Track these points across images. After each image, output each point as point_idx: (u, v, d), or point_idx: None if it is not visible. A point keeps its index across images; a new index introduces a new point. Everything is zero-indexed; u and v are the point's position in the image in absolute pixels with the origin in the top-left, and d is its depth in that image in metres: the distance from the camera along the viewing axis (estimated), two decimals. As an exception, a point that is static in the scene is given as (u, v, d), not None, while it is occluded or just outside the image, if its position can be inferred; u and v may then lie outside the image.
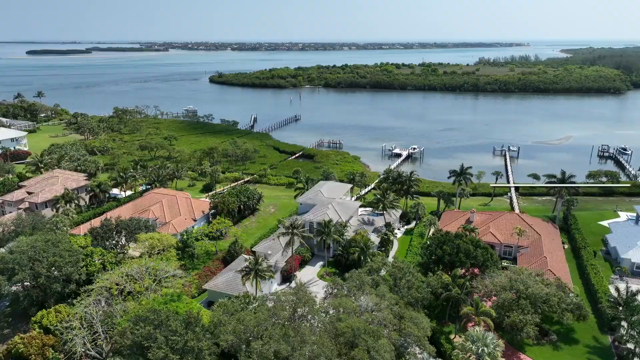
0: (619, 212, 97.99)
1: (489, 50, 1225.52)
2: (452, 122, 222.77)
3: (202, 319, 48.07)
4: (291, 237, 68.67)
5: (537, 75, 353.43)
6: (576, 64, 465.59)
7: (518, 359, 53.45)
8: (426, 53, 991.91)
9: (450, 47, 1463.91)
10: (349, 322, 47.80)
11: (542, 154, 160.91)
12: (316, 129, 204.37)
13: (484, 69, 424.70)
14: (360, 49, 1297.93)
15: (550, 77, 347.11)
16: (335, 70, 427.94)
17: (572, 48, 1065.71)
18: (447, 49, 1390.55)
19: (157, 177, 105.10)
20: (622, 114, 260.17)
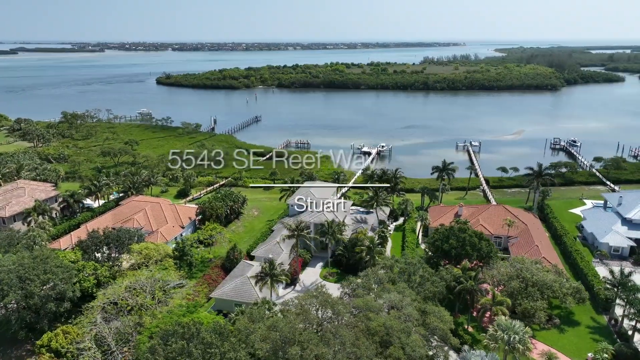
0: (585, 200, 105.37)
1: (429, 49, 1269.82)
2: (410, 119, 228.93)
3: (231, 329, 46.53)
4: (296, 240, 67.88)
5: (481, 74, 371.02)
6: (513, 62, 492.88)
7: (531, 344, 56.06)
8: (369, 53, 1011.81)
9: (392, 47, 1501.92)
10: (379, 320, 48.10)
11: (501, 148, 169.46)
12: (279, 130, 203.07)
13: (431, 68, 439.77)
14: (305, 49, 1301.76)
15: (493, 75, 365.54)
16: (287, 71, 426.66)
17: (505, 47, 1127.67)
18: (389, 48, 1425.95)
19: (132, 184, 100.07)
20: (561, 108, 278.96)
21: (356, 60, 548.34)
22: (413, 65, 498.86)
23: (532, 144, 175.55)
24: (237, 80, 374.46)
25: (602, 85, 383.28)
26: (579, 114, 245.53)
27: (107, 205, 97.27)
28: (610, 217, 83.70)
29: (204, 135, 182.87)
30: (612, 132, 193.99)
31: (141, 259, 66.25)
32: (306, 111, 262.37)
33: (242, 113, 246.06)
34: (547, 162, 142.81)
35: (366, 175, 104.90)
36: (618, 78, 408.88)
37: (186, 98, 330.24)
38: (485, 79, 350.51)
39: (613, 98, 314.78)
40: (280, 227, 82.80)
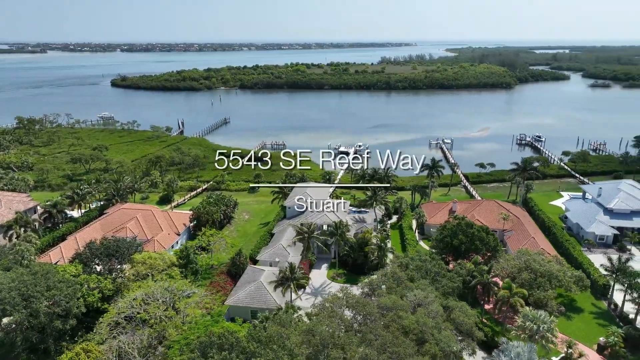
0: (562, 193, 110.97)
1: (382, 50, 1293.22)
2: (378, 118, 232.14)
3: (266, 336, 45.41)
4: (307, 242, 67.32)
5: (440, 73, 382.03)
6: (466, 62, 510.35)
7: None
8: (325, 53, 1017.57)
9: (346, 47, 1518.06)
10: (411, 318, 48.59)
11: (471, 144, 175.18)
12: (250, 131, 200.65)
13: (390, 68, 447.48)
14: (259, 50, 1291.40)
15: (450, 75, 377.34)
16: (248, 71, 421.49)
17: (455, 47, 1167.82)
18: (344, 49, 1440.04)
19: (115, 191, 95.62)
20: (519, 105, 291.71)
21: (313, 60, 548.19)
22: (372, 65, 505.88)
23: (498, 140, 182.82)
24: (198, 82, 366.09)
25: (551, 83, 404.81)
26: (536, 110, 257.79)
27: (90, 215, 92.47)
28: (592, 207, 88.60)
29: (174, 138, 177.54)
30: (569, 127, 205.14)
31: (146, 269, 63.44)
32: (274, 112, 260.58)
33: (208, 115, 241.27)
34: (515, 158, 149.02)
35: (356, 175, 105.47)
36: (564, 76, 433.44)
37: (146, 100, 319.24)
38: (444, 78, 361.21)
39: (562, 95, 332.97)
40: (281, 230, 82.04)
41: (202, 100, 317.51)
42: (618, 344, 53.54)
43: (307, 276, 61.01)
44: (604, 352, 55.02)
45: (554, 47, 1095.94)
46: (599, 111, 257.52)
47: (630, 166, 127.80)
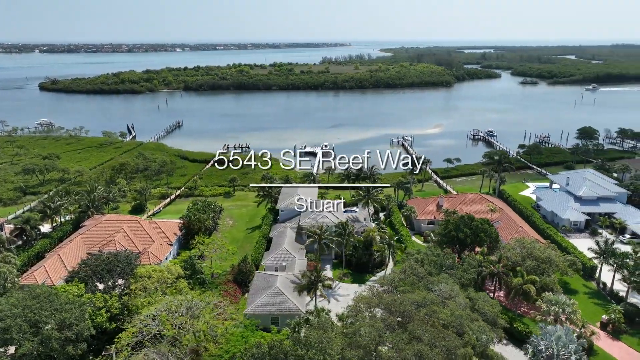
0: (527, 184, 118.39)
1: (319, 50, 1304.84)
2: (334, 118, 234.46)
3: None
4: (319, 244, 66.79)
5: (384, 72, 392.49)
6: (403, 61, 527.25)
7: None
8: (262, 53, 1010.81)
9: (282, 47, 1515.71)
10: (446, 312, 49.84)
11: (429, 141, 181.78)
12: (207, 134, 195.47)
13: (333, 68, 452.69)
14: (194, 50, 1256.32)
15: (393, 74, 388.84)
16: (191, 73, 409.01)
17: (389, 47, 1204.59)
18: (280, 49, 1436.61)
19: (90, 202, 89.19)
20: (462, 102, 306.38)
21: (250, 60, 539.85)
22: (315, 65, 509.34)
23: (453, 136, 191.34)
24: (138, 84, 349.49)
25: (485, 81, 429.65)
26: (480, 106, 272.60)
27: (64, 229, 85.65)
28: (563, 196, 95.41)
29: (130, 144, 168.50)
30: (513, 122, 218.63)
31: (153, 282, 59.87)
32: (226, 114, 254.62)
33: (156, 118, 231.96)
34: (470, 152, 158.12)
35: (341, 175, 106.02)
36: (496, 74, 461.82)
37: (84, 105, 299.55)
38: (388, 77, 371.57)
39: (498, 92, 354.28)
40: (279, 233, 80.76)
41: (145, 103, 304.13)
42: (619, 320, 58.25)
43: (330, 278, 60.54)
44: (606, 329, 59.63)
45: (479, 47, 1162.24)
46: (534, 107, 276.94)
47: (581, 156, 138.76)
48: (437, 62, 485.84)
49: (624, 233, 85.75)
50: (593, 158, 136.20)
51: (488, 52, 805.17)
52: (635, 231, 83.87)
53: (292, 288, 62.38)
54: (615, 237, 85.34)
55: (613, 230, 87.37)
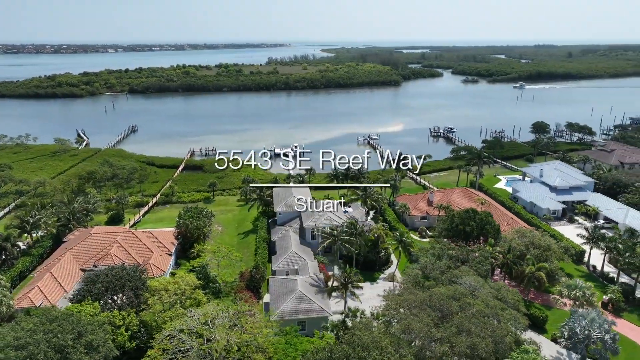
0: (499, 177, 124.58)
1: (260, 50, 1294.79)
2: (294, 119, 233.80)
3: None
4: (336, 245, 66.46)
5: (333, 72, 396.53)
6: (347, 61, 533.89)
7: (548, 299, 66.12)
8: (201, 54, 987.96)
9: (221, 48, 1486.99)
10: (480, 304, 51.52)
11: (393, 139, 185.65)
12: (167, 138, 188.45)
13: (281, 69, 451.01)
14: (127, 51, 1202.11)
15: (342, 74, 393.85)
16: (134, 74, 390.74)
17: (330, 47, 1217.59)
18: (219, 49, 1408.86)
19: (71, 215, 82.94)
20: (413, 100, 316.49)
21: (189, 61, 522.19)
22: (261, 65, 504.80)
23: (414, 133, 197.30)
24: (78, 87, 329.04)
25: (428, 80, 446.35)
26: (431, 104, 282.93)
27: (45, 245, 79.04)
28: (539, 187, 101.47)
29: (87, 151, 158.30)
30: (465, 118, 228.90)
31: (170, 295, 56.84)
32: (181, 116, 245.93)
33: (106, 124, 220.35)
34: (432, 149, 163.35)
35: (330, 175, 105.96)
36: (438, 73, 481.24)
37: (16, 110, 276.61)
38: (339, 77, 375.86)
39: (444, 90, 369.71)
40: (282, 237, 79.45)
41: (89, 107, 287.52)
42: (619, 299, 63.04)
43: (360, 278, 60.39)
44: (607, 308, 64.26)
45: (415, 47, 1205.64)
46: (480, 104, 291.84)
47: (541, 149, 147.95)
48: (382, 62, 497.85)
49: (597, 219, 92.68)
50: (552, 151, 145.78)
51: (426, 52, 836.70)
52: (608, 216, 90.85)
53: (314, 291, 61.74)
54: (590, 223, 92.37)
55: (587, 217, 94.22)
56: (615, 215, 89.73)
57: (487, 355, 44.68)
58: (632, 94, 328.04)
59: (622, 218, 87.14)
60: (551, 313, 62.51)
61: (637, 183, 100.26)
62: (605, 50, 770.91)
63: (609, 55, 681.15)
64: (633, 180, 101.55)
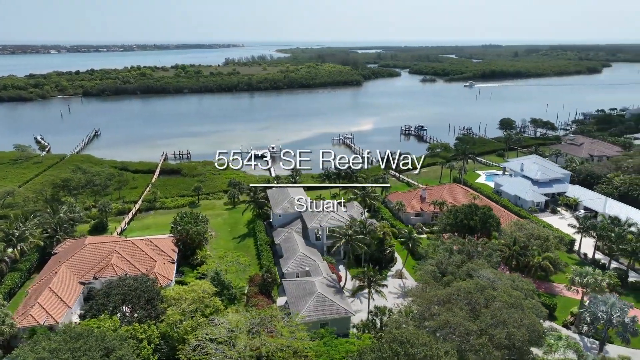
0: (478, 172, 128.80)
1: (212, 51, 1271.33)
2: (264, 120, 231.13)
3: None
4: (350, 245, 66.36)
5: (295, 73, 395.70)
6: (304, 62, 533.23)
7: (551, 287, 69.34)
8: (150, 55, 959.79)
9: (172, 49, 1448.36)
10: (503, 294, 53.10)
11: (366, 138, 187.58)
12: (135, 142, 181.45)
13: (241, 69, 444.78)
14: (71, 52, 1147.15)
15: (304, 74, 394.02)
16: (86, 76, 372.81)
17: (285, 48, 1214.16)
18: (170, 50, 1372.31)
19: (57, 225, 78.03)
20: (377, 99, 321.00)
21: (140, 62, 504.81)
22: (219, 66, 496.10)
23: (386, 132, 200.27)
24: (26, 90, 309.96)
25: (388, 79, 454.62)
26: (393, 103, 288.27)
27: (32, 259, 73.95)
28: (522, 181, 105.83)
29: (51, 158, 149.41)
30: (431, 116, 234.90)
31: (190, 304, 54.76)
32: (144, 119, 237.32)
33: (64, 128, 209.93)
34: (405, 147, 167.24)
35: (322, 175, 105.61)
36: (396, 73, 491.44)
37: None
38: (301, 77, 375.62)
39: (405, 89, 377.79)
40: (286, 239, 78.50)
41: (41, 111, 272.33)
42: (617, 283, 66.83)
43: (383, 276, 60.49)
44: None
45: (369, 47, 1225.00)
46: (442, 102, 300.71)
47: (513, 145, 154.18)
48: (341, 62, 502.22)
49: (578, 209, 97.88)
50: (522, 146, 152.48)
51: (381, 52, 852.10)
52: (587, 206, 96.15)
53: (332, 292, 61.41)
54: (571, 213, 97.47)
55: (568, 208, 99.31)
56: (594, 205, 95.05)
57: (522, 344, 46.16)
58: (579, 91, 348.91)
59: (602, 207, 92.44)
60: (556, 300, 65.40)
61: (608, 174, 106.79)
62: (547, 50, 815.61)
63: (550, 55, 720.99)
64: (605, 172, 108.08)
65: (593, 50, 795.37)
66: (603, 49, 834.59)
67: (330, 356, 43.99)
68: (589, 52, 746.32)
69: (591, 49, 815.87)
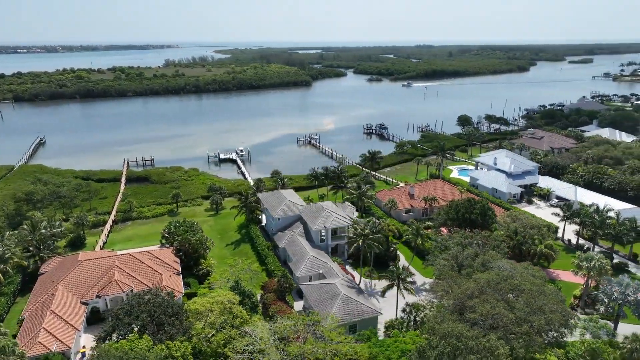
0: (449, 168, 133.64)
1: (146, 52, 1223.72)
2: (221, 122, 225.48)
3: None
4: (365, 245, 66.38)
5: (243, 74, 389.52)
6: (245, 63, 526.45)
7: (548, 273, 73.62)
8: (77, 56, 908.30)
9: (102, 50, 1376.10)
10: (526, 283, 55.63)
11: (332, 137, 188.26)
12: (85, 150, 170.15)
13: (184, 71, 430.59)
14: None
15: (252, 75, 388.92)
16: (14, 80, 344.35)
17: (224, 49, 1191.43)
18: (99, 51, 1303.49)
19: (40, 243, 71.55)
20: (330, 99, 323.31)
21: (65, 64, 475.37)
22: (160, 68, 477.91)
23: (347, 131, 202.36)
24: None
25: (335, 79, 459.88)
26: (346, 103, 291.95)
27: (15, 281, 67.30)
28: (497, 174, 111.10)
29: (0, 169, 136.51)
30: (387, 114, 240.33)
31: (217, 317, 52.40)
32: (89, 125, 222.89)
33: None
34: (368, 146, 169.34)
35: (310, 176, 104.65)
36: (343, 73, 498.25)
37: None
38: (250, 78, 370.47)
39: (352, 88, 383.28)
40: (290, 242, 77.40)
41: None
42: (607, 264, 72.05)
43: (411, 273, 60.84)
44: (595, 274, 73.11)
45: (308, 47, 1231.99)
46: (392, 101, 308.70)
47: (476, 140, 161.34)
48: (286, 63, 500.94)
49: (550, 199, 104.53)
50: (484, 141, 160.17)
51: (324, 52, 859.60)
52: (559, 195, 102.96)
53: (354, 292, 61.27)
54: (545, 203, 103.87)
55: (541, 198, 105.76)
56: (565, 193, 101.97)
57: (558, 328, 48.69)
58: (515, 89, 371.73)
59: (573, 196, 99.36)
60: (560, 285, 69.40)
61: (571, 165, 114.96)
62: (478, 50, 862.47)
63: (482, 54, 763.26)
64: (568, 163, 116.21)
65: (519, 50, 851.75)
66: (527, 49, 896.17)
67: (387, 356, 43.81)
68: (515, 51, 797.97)
69: (517, 49, 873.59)
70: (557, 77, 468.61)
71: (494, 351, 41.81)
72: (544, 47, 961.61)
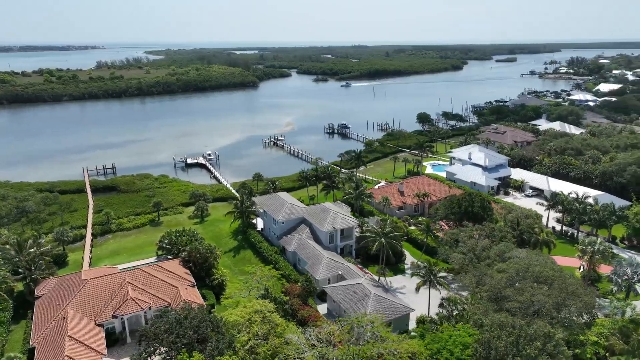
0: (423, 164, 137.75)
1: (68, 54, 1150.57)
2: (174, 125, 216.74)
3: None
4: (385, 243, 66.74)
5: (186, 75, 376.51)
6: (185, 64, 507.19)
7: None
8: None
9: (16, 51, 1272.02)
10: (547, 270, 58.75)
11: (296, 138, 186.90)
12: (34, 160, 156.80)
13: (121, 73, 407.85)
14: None
15: (195, 76, 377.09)
16: None
17: (155, 50, 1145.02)
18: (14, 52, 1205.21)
19: (30, 263, 64.90)
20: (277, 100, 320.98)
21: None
22: (93, 70, 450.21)
23: (310, 131, 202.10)
24: None
25: (280, 80, 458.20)
26: (297, 103, 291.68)
27: (8, 307, 60.61)
28: (474, 168, 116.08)
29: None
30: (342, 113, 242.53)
31: (259, 327, 50.54)
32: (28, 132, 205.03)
33: None
34: (332, 145, 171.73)
35: (301, 177, 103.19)
36: (287, 73, 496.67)
37: None
38: (196, 80, 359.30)
39: (300, 89, 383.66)
40: (299, 245, 76.28)
41: None
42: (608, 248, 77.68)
43: (444, 269, 61.63)
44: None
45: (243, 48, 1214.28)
46: (343, 100, 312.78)
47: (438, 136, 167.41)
48: (228, 64, 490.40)
49: (524, 189, 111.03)
50: (447, 137, 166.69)
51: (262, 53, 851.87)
52: (533, 185, 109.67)
53: (382, 291, 61.60)
54: (520, 193, 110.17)
55: (516, 189, 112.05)
56: (538, 183, 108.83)
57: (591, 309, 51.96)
58: (455, 87, 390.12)
59: (546, 185, 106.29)
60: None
61: (537, 157, 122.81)
62: (412, 50, 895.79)
63: (416, 54, 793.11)
64: (533, 155, 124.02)
65: (450, 49, 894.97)
66: (457, 48, 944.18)
67: (449, 351, 44.48)
68: (447, 51, 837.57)
69: (448, 49, 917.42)
70: (489, 75, 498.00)
71: (552, 337, 43.84)
72: (472, 47, 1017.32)
